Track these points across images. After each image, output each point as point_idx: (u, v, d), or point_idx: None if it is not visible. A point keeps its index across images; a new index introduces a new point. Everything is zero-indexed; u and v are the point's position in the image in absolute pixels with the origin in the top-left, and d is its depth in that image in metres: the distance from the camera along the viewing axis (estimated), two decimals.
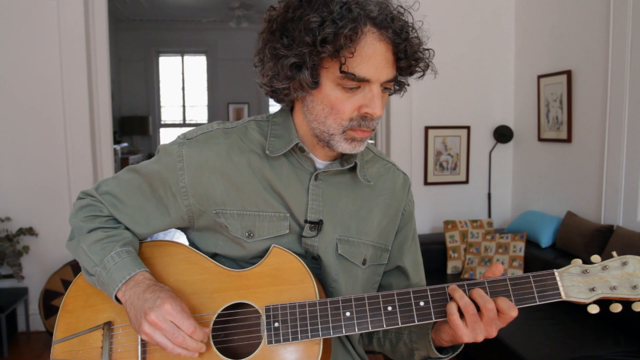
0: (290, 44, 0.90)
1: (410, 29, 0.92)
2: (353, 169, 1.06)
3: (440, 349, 1.01)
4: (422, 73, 0.98)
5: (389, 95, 1.00)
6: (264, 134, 1.05)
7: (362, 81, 0.90)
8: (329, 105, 0.93)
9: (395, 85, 1.00)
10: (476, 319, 0.88)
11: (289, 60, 0.90)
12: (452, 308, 0.89)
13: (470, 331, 0.88)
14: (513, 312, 0.88)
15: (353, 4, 0.88)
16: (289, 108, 1.06)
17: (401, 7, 0.94)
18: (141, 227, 1.07)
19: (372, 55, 0.89)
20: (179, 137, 1.06)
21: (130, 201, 1.06)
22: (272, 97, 1.01)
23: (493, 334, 0.89)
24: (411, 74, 0.97)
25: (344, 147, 0.97)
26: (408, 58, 0.92)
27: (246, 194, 1.02)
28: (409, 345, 1.07)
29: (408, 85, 1.02)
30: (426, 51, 0.96)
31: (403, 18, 0.93)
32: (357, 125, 0.94)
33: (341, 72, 0.88)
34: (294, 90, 0.95)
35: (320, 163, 1.05)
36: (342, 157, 1.05)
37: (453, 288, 0.91)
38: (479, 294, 0.89)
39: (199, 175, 1.01)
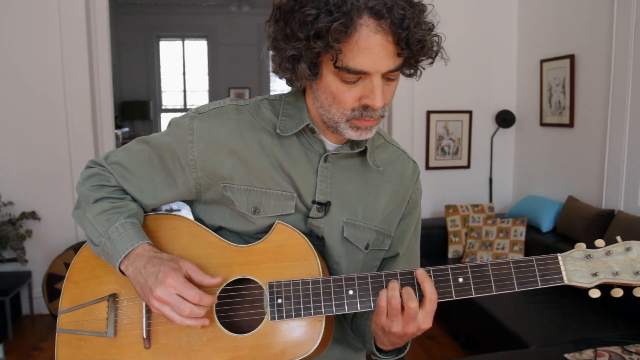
0: (290, 36, 0.89)
1: (414, 16, 0.87)
2: (363, 153, 1.06)
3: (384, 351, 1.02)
4: (431, 60, 0.94)
5: (407, 76, 0.97)
6: (276, 113, 1.05)
7: (360, 73, 0.88)
8: (331, 95, 0.93)
9: (410, 69, 0.95)
10: (397, 313, 0.89)
11: (288, 53, 0.90)
12: (382, 295, 0.91)
13: (389, 321, 0.90)
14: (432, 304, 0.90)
15: None
16: (301, 90, 1.05)
17: None
18: (149, 198, 1.07)
19: (368, 48, 0.86)
20: (191, 110, 1.06)
21: (139, 172, 1.06)
22: (285, 81, 1.01)
23: (410, 329, 0.89)
24: (417, 61, 0.93)
25: (351, 134, 0.96)
26: (410, 47, 0.88)
27: (254, 170, 1.02)
28: (363, 336, 1.08)
29: (423, 69, 0.97)
30: (434, 37, 0.92)
31: (414, 1, 0.89)
32: (359, 115, 0.93)
33: (335, 67, 0.87)
34: (297, 79, 0.94)
35: (331, 145, 1.05)
36: (353, 141, 1.04)
37: (420, 274, 0.92)
38: (407, 291, 0.90)
39: (209, 149, 1.01)
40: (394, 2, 0.85)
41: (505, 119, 4.15)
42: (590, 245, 0.94)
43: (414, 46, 0.88)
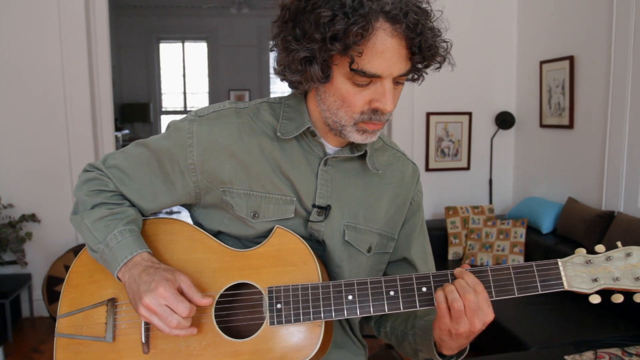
0: (301, 37, 0.88)
1: (427, 21, 0.89)
2: (363, 156, 1.06)
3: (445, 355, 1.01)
4: (438, 65, 0.95)
5: (412, 81, 0.98)
6: (276, 116, 1.04)
7: (373, 77, 0.89)
8: (340, 98, 0.93)
9: (414, 74, 0.96)
10: (461, 314, 0.88)
11: (300, 54, 0.89)
12: (440, 297, 0.90)
13: (454, 323, 0.89)
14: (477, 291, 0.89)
15: None
16: (302, 93, 1.04)
17: None
18: (148, 202, 1.07)
19: (383, 51, 0.86)
20: (190, 114, 1.05)
21: (138, 176, 1.06)
22: (287, 83, 1.00)
23: (477, 325, 0.88)
24: (427, 66, 0.94)
25: (356, 138, 0.96)
26: (422, 53, 0.89)
27: (254, 175, 1.02)
28: (413, 345, 1.08)
29: (426, 74, 0.98)
30: (443, 43, 0.93)
31: (423, 7, 0.89)
32: (368, 118, 0.93)
33: (351, 69, 0.87)
34: (305, 81, 0.94)
35: (331, 148, 1.05)
36: (353, 144, 1.04)
37: (458, 272, 0.92)
38: (460, 284, 0.89)
39: (208, 153, 1.01)
40: (408, 7, 0.86)
41: (505, 121, 4.14)
42: (591, 251, 0.94)
43: (426, 51, 0.89)
